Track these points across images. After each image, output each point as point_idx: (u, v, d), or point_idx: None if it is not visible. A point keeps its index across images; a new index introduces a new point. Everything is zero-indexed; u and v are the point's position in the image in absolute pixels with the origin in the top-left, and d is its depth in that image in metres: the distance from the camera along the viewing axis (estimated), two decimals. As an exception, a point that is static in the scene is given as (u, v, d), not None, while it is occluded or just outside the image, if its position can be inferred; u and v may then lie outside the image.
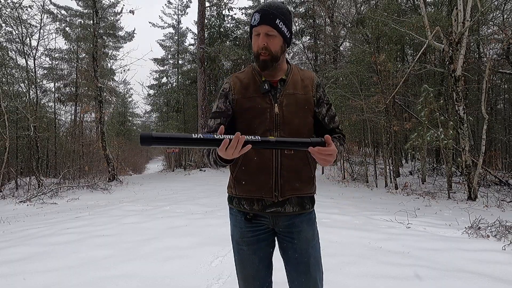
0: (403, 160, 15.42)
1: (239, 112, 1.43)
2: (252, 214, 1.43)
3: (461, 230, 4.23)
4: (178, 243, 3.73)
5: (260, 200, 1.41)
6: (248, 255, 1.45)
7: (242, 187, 1.41)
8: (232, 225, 1.50)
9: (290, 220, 1.44)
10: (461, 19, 7.38)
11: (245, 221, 1.44)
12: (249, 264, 1.46)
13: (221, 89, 1.48)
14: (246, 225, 1.44)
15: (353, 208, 6.24)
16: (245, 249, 1.45)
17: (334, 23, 18.57)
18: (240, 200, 1.44)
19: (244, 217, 1.44)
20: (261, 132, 1.37)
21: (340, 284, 2.61)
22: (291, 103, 1.41)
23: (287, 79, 1.44)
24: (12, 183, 11.26)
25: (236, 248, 1.48)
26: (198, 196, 7.89)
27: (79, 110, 18.72)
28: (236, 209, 1.47)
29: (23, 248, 3.67)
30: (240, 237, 1.46)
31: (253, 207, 1.42)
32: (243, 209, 1.44)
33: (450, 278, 2.71)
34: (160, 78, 25.56)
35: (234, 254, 1.50)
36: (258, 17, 1.34)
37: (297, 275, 1.44)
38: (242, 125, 1.42)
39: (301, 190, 1.43)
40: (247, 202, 1.42)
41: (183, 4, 24.25)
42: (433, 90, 9.08)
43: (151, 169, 29.21)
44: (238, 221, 1.47)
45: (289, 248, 1.45)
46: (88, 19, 19.73)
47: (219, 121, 1.43)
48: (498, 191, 8.31)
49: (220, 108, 1.45)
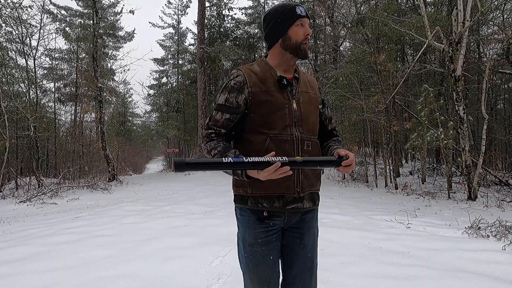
0: (403, 160, 15.41)
1: (255, 105, 1.37)
2: (266, 213, 1.38)
3: (461, 230, 4.23)
4: (178, 243, 3.73)
5: (281, 197, 1.37)
6: (263, 257, 1.39)
7: (260, 185, 1.33)
8: (243, 227, 1.43)
9: (302, 216, 1.45)
10: (461, 19, 7.38)
11: (258, 222, 1.38)
12: (265, 266, 1.40)
13: (232, 82, 1.39)
14: (259, 226, 1.38)
15: (353, 208, 6.23)
16: (259, 251, 1.38)
17: (334, 23, 18.55)
18: (258, 199, 1.37)
19: (257, 217, 1.38)
20: (281, 128, 1.36)
21: (340, 284, 2.61)
22: (306, 100, 1.44)
23: (299, 77, 1.46)
24: (12, 183, 11.26)
25: (250, 251, 1.40)
26: (198, 196, 7.89)
27: (79, 110, 18.72)
28: (252, 208, 1.39)
29: (23, 248, 3.66)
30: (255, 238, 1.39)
31: (274, 205, 1.37)
32: (262, 208, 1.37)
33: (450, 278, 2.71)
34: (160, 78, 25.57)
35: (247, 258, 1.41)
36: (303, 10, 1.38)
37: (302, 271, 1.44)
38: (261, 120, 1.37)
39: (315, 185, 1.46)
40: (267, 200, 1.37)
41: (183, 4, 24.28)
42: (433, 90, 9.07)
43: (151, 169, 29.23)
44: (251, 222, 1.40)
45: (297, 244, 1.44)
46: (88, 19, 19.74)
47: (228, 116, 1.37)
48: (498, 191, 8.31)
49: (231, 103, 1.37)
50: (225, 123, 1.37)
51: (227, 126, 1.38)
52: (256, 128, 1.37)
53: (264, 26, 1.46)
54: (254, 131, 1.38)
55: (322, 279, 2.61)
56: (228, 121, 1.37)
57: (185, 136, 19.89)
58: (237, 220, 1.47)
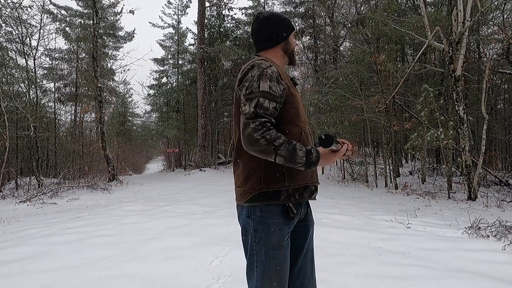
0: (403, 160, 15.41)
1: (289, 98, 1.40)
2: (295, 209, 1.35)
3: (461, 230, 4.23)
4: (178, 243, 3.73)
5: (307, 187, 1.40)
6: (284, 258, 1.36)
7: (296, 177, 1.34)
8: (267, 229, 1.34)
9: (309, 207, 1.52)
10: (461, 19, 7.38)
11: (286, 220, 1.35)
12: (285, 267, 1.37)
13: (269, 70, 1.34)
14: (285, 225, 1.35)
15: (353, 208, 6.23)
16: (281, 253, 1.35)
17: (334, 23, 18.57)
18: (297, 190, 1.36)
19: (287, 214, 1.34)
20: (305, 121, 1.46)
21: (340, 284, 2.61)
22: None
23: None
24: (12, 183, 11.27)
25: (272, 254, 1.34)
26: (198, 196, 7.89)
27: (79, 110, 18.71)
28: (282, 204, 1.34)
29: (23, 248, 3.66)
30: (279, 240, 1.35)
31: (304, 195, 1.38)
32: (294, 201, 1.35)
33: (450, 278, 2.71)
34: (160, 78, 25.54)
35: (266, 261, 1.34)
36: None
37: (304, 262, 1.48)
38: (293, 112, 1.40)
39: None
40: (299, 192, 1.37)
41: (183, 4, 24.23)
42: (433, 90, 9.08)
43: (151, 169, 29.25)
44: (277, 222, 1.34)
45: (303, 237, 1.48)
46: (88, 19, 19.73)
47: (274, 105, 1.31)
48: (498, 191, 8.31)
49: (274, 92, 1.32)
50: (273, 112, 1.31)
51: (274, 115, 1.32)
52: (293, 121, 1.39)
53: (269, 26, 1.51)
54: (292, 123, 1.38)
55: (322, 279, 2.62)
56: (274, 110, 1.31)
57: (185, 136, 19.86)
58: (255, 221, 1.36)
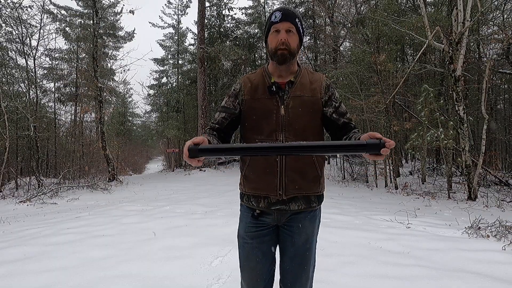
0: (403, 160, 15.41)
1: (247, 112, 1.49)
2: (259, 211, 1.50)
3: (461, 230, 4.23)
4: (178, 243, 3.73)
5: (266, 197, 1.47)
6: (252, 249, 1.50)
7: (250, 185, 1.50)
8: (239, 221, 1.58)
9: (294, 215, 1.50)
10: (461, 19, 7.38)
11: (251, 218, 1.51)
12: (253, 257, 1.51)
13: (232, 89, 1.56)
14: (251, 221, 1.52)
15: (353, 208, 6.23)
16: (249, 243, 1.51)
17: (334, 23, 18.57)
18: (250, 197, 1.52)
19: (252, 214, 1.51)
20: (267, 133, 1.44)
21: (340, 284, 2.61)
22: (297, 105, 1.45)
23: (295, 81, 1.48)
24: (12, 183, 11.25)
25: (242, 242, 1.54)
26: (198, 196, 7.89)
27: (79, 110, 18.69)
28: (246, 205, 1.54)
29: (23, 248, 3.66)
30: (245, 231, 1.53)
31: (260, 205, 1.49)
32: (252, 206, 1.51)
33: (450, 278, 2.71)
34: (160, 78, 25.57)
35: (239, 248, 1.56)
36: (279, 14, 1.41)
37: (292, 267, 1.50)
38: (250, 125, 1.49)
39: (307, 189, 1.47)
40: (255, 199, 1.50)
41: (183, 4, 24.25)
42: (433, 90, 9.07)
43: (151, 169, 29.25)
44: (245, 216, 1.55)
45: (288, 241, 1.50)
46: (88, 19, 19.74)
47: (224, 115, 1.52)
48: (498, 191, 8.30)
49: (228, 105, 1.53)
50: (220, 121, 1.52)
51: (222, 123, 1.52)
52: (248, 133, 1.50)
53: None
54: (247, 136, 1.50)
55: (322, 279, 2.62)
56: (223, 119, 1.52)
57: (185, 136, 19.85)
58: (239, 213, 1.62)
